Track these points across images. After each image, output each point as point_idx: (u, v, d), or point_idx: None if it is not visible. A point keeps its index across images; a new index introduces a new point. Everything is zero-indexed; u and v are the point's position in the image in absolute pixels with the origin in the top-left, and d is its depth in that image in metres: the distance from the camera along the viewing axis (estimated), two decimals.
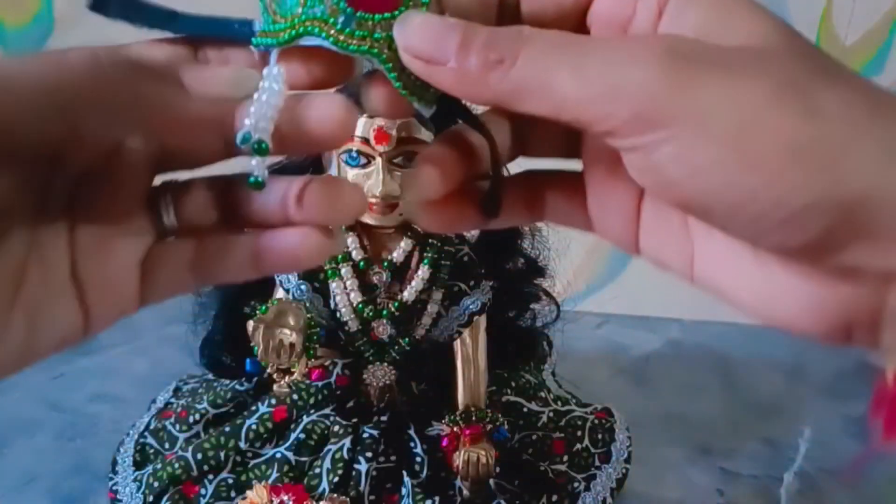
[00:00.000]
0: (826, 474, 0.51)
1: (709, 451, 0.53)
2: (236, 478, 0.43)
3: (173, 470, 0.42)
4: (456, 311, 0.43)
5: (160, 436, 0.46)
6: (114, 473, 0.45)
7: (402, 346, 0.43)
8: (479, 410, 0.43)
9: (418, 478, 0.42)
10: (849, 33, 0.72)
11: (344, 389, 0.45)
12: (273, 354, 0.38)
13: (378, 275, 0.41)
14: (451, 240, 0.42)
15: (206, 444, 0.43)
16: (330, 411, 0.44)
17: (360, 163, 0.39)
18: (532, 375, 0.52)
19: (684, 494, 0.49)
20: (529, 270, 0.46)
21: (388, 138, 0.38)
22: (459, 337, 0.43)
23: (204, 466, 0.42)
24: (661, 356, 0.68)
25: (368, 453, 0.43)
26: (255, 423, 0.43)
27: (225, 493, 0.42)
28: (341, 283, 0.41)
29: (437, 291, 0.42)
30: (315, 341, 0.40)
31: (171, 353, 0.63)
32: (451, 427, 0.43)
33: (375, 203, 0.39)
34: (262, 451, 0.43)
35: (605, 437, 0.47)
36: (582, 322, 0.73)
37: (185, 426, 0.45)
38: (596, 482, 0.45)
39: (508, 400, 0.49)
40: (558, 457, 0.47)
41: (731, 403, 0.60)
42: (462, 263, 0.42)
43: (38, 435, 0.51)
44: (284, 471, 0.42)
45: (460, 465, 0.41)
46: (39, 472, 0.47)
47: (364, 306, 0.42)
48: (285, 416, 0.43)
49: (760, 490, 0.49)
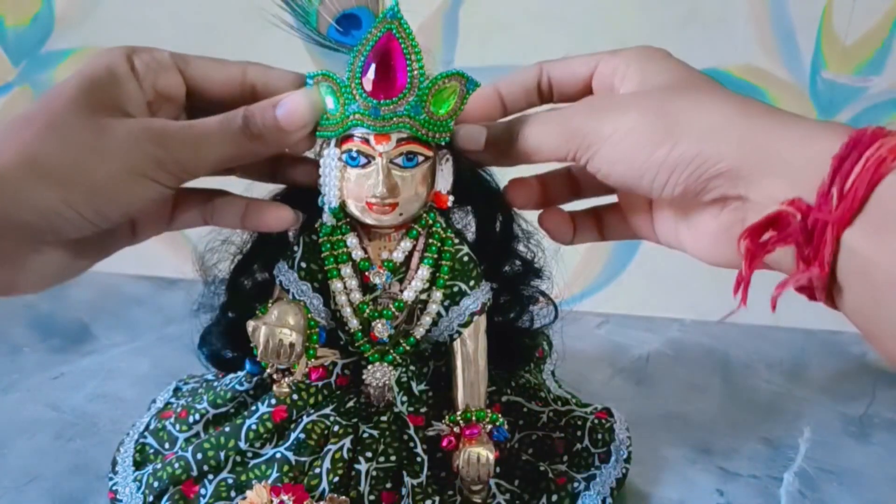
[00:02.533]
0: (826, 474, 0.51)
1: (709, 451, 0.53)
2: (236, 478, 0.43)
3: (173, 470, 0.42)
4: (456, 311, 0.43)
5: (160, 436, 0.46)
6: (114, 473, 0.45)
7: (402, 346, 0.43)
8: (479, 410, 0.43)
9: (418, 478, 0.42)
10: (849, 33, 0.72)
11: (344, 389, 0.45)
12: (273, 354, 0.38)
13: (378, 275, 0.41)
14: (451, 240, 0.42)
15: (206, 444, 0.43)
16: (330, 411, 0.44)
17: (360, 163, 0.39)
18: (532, 375, 0.52)
19: (684, 494, 0.49)
20: (526, 272, 0.46)
21: (388, 138, 0.38)
22: (459, 337, 0.43)
23: (204, 466, 0.42)
24: (661, 356, 0.68)
25: (368, 453, 0.43)
26: (255, 423, 0.43)
27: (225, 493, 0.42)
28: (341, 282, 0.41)
29: (437, 291, 0.42)
30: (315, 341, 0.41)
31: (171, 353, 0.63)
32: (451, 427, 0.43)
33: (375, 203, 0.39)
34: (262, 451, 0.43)
35: (605, 436, 0.47)
36: (582, 322, 0.73)
37: (185, 426, 0.46)
38: (596, 482, 0.45)
39: (509, 400, 0.49)
40: (558, 457, 0.47)
41: (731, 403, 0.61)
42: (462, 263, 0.42)
43: (38, 435, 0.51)
44: (284, 471, 0.42)
45: (460, 465, 0.41)
46: (39, 472, 0.47)
47: (364, 306, 0.42)
48: (285, 416, 0.43)
49: (760, 490, 0.49)
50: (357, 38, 0.38)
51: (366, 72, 0.37)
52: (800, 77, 0.76)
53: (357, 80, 0.37)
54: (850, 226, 0.29)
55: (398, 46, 0.37)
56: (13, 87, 0.87)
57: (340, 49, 0.39)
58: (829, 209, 0.29)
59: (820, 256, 0.29)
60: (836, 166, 0.29)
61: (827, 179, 0.29)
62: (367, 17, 0.38)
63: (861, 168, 0.28)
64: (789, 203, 0.30)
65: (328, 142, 0.40)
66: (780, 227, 0.31)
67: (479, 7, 0.75)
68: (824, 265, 0.29)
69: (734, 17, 0.74)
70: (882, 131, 0.29)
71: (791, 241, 0.30)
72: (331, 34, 0.38)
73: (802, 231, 0.30)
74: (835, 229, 0.29)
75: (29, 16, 0.83)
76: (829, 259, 0.29)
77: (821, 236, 0.29)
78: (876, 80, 0.75)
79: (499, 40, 0.75)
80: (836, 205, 0.29)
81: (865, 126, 0.30)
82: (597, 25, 0.74)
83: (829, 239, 0.29)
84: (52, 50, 0.85)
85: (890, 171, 0.28)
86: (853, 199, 0.28)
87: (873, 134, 0.29)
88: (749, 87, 0.77)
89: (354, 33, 0.38)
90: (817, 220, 0.29)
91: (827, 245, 0.29)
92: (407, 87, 0.37)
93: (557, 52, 0.44)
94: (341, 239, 0.41)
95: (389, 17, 0.36)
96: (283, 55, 0.43)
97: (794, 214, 0.30)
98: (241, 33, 0.77)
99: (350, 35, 0.38)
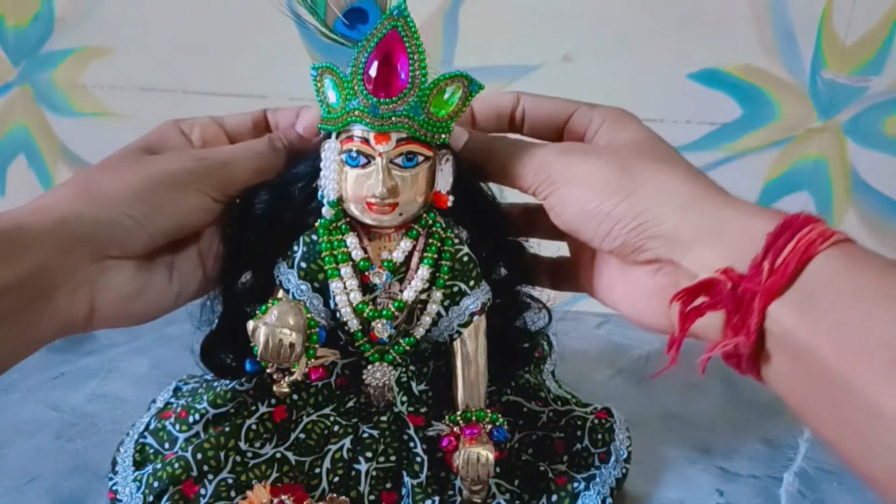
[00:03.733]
0: (826, 474, 0.51)
1: (709, 451, 0.53)
2: (236, 478, 0.42)
3: (173, 470, 0.42)
4: (456, 311, 0.43)
5: (160, 436, 0.46)
6: (113, 473, 0.45)
7: (402, 346, 0.43)
8: (479, 410, 0.43)
9: (418, 478, 0.42)
10: (849, 33, 0.72)
11: (344, 389, 0.45)
12: (273, 354, 0.38)
13: (378, 275, 0.41)
14: (451, 240, 0.42)
15: (206, 444, 0.43)
16: (330, 411, 0.44)
17: (359, 163, 0.39)
18: (531, 375, 0.52)
19: (684, 494, 0.49)
20: (518, 277, 0.46)
21: (388, 138, 0.38)
22: (459, 337, 0.43)
23: (204, 466, 0.42)
24: (660, 356, 0.68)
25: (368, 453, 0.43)
26: (254, 423, 0.43)
27: (225, 493, 0.42)
28: (341, 283, 0.41)
29: (437, 291, 0.42)
30: (315, 341, 0.40)
31: (171, 353, 0.63)
32: (451, 427, 0.43)
33: (375, 203, 0.39)
34: (262, 451, 0.43)
35: (605, 436, 0.47)
36: (582, 322, 0.73)
37: (185, 426, 0.45)
38: (596, 482, 0.45)
39: (508, 399, 0.49)
40: (558, 457, 0.47)
41: (731, 403, 0.60)
42: (462, 263, 0.42)
43: (38, 435, 0.51)
44: (284, 471, 0.42)
45: (460, 465, 0.41)
46: (39, 472, 0.47)
47: (364, 306, 0.42)
48: (285, 416, 0.43)
49: (760, 490, 0.49)
50: (363, 32, 0.37)
51: (368, 68, 0.37)
52: (800, 77, 0.76)
53: (359, 76, 0.37)
54: (778, 298, 0.30)
55: (402, 45, 0.37)
56: (13, 87, 0.87)
57: (346, 43, 0.38)
58: (759, 280, 0.30)
59: (747, 325, 0.31)
60: (770, 242, 0.31)
61: (760, 252, 0.31)
62: (374, 12, 0.38)
63: (793, 246, 0.30)
64: (722, 271, 0.32)
65: (329, 134, 0.40)
66: (712, 294, 0.32)
67: (479, 7, 0.75)
68: (751, 333, 0.30)
69: (734, 17, 0.74)
70: (812, 219, 0.31)
71: (721, 307, 0.32)
72: (337, 27, 0.38)
73: (732, 299, 0.31)
74: (763, 300, 0.30)
75: (29, 16, 0.83)
76: (755, 328, 0.30)
77: (749, 305, 0.30)
78: (876, 80, 0.75)
79: (499, 40, 0.75)
80: (766, 277, 0.30)
81: (798, 212, 0.31)
82: (597, 25, 0.74)
83: (757, 308, 0.30)
84: (52, 50, 0.85)
85: (819, 252, 0.30)
86: (783, 273, 0.30)
87: (805, 219, 0.31)
88: (749, 87, 0.77)
89: (360, 28, 0.38)
90: (747, 290, 0.31)
91: (754, 314, 0.30)
92: (408, 87, 0.37)
93: (557, 52, 0.44)
94: (341, 239, 0.41)
95: (396, 14, 0.36)
96: (282, 55, 0.43)
97: (726, 282, 0.31)
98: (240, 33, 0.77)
99: (356, 29, 0.38)
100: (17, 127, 0.88)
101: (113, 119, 0.86)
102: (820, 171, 0.82)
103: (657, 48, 0.77)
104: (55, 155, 0.90)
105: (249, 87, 0.80)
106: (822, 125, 0.79)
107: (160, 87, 0.84)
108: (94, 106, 0.86)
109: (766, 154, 0.82)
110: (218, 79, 0.82)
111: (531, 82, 0.76)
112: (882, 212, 0.84)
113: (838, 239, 0.30)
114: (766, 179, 0.83)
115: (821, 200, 0.84)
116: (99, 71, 0.85)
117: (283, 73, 0.73)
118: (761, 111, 0.80)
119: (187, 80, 0.83)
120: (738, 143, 0.81)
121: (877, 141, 0.80)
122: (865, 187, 0.83)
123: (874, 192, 0.84)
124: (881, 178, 0.83)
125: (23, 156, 0.90)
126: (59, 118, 0.88)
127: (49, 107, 0.87)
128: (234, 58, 0.81)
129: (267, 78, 0.80)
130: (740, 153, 0.82)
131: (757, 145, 0.81)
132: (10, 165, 0.91)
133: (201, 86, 0.83)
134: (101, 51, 0.84)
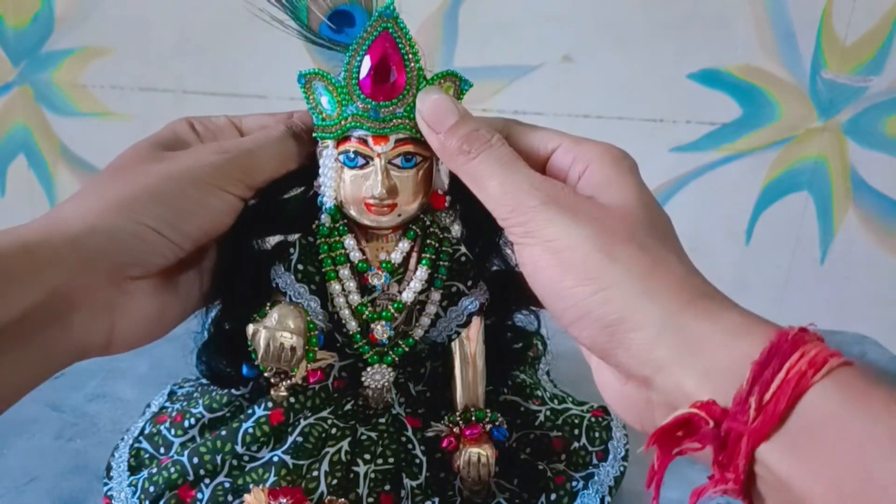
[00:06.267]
0: None
1: None
2: (233, 482, 0.42)
3: (169, 474, 0.42)
4: (454, 312, 0.43)
5: (155, 440, 0.46)
6: (108, 478, 0.45)
7: (401, 348, 0.43)
8: (479, 410, 0.43)
9: (417, 479, 0.42)
10: (849, 33, 0.72)
11: (341, 392, 0.45)
12: (274, 358, 0.38)
13: (377, 276, 0.41)
14: (449, 240, 0.42)
15: (202, 449, 0.43)
16: (327, 414, 0.44)
17: (357, 164, 0.39)
18: (527, 375, 0.52)
19: (684, 494, 0.48)
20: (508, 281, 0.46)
21: (387, 139, 0.38)
22: (458, 337, 0.43)
23: (200, 471, 0.42)
24: None
25: (367, 455, 0.43)
26: (251, 427, 0.43)
27: (222, 497, 0.42)
28: (339, 284, 0.41)
29: (435, 292, 0.42)
30: (315, 344, 0.40)
31: (171, 353, 0.63)
32: (451, 427, 0.43)
33: (374, 204, 0.39)
34: (259, 455, 0.43)
35: (603, 435, 0.47)
36: None
37: (181, 430, 0.45)
38: (594, 480, 0.45)
39: (506, 399, 0.49)
40: (556, 455, 0.47)
41: None
42: (460, 263, 0.42)
43: (38, 435, 0.51)
44: (282, 474, 0.41)
45: (461, 465, 0.41)
46: (39, 472, 0.47)
47: (363, 308, 0.41)
48: (282, 419, 0.43)
49: None
50: (351, 36, 0.37)
51: (363, 72, 0.37)
52: (800, 77, 0.76)
53: (354, 81, 0.37)
54: (766, 440, 0.27)
55: (395, 46, 0.37)
56: (13, 87, 0.87)
57: (334, 47, 0.38)
58: (745, 419, 0.27)
59: (734, 466, 0.28)
60: (756, 373, 0.28)
61: (746, 386, 0.28)
62: (360, 15, 0.38)
63: (782, 380, 0.27)
64: (701, 406, 0.29)
65: (327, 142, 0.40)
66: (692, 430, 0.29)
67: (479, 7, 0.75)
68: (739, 474, 0.28)
69: (734, 17, 0.74)
70: (803, 339, 0.28)
71: (705, 445, 0.29)
72: (323, 32, 0.38)
73: (716, 437, 0.28)
74: (750, 442, 0.27)
75: (29, 16, 0.83)
76: (743, 469, 0.28)
77: (735, 446, 0.28)
78: (876, 80, 0.75)
79: (499, 40, 0.75)
80: (753, 416, 0.27)
81: (789, 328, 0.28)
82: (597, 25, 0.74)
83: (744, 451, 0.28)
84: (52, 50, 0.85)
85: (810, 387, 0.27)
86: (772, 413, 0.27)
87: (793, 340, 0.28)
88: (749, 86, 0.77)
89: (348, 31, 0.38)
90: (732, 429, 0.28)
91: (741, 456, 0.28)
92: (406, 87, 0.37)
93: (557, 52, 0.44)
94: (339, 240, 0.41)
95: (386, 15, 0.36)
96: (282, 55, 0.43)
97: (707, 420, 0.29)
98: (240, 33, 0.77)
99: (343, 33, 0.38)
100: (17, 127, 0.89)
101: (113, 119, 0.86)
102: (820, 171, 0.82)
103: (657, 48, 0.77)
104: (55, 155, 0.90)
105: (249, 87, 0.80)
106: (822, 125, 0.79)
107: (160, 87, 0.84)
108: (94, 106, 0.87)
109: (766, 154, 0.82)
110: (218, 79, 0.82)
111: (531, 82, 0.76)
112: (882, 212, 0.84)
113: (832, 367, 0.27)
114: (766, 179, 0.83)
115: (821, 200, 0.84)
116: (99, 71, 0.85)
117: (283, 73, 0.73)
118: (761, 111, 0.80)
119: (187, 80, 0.83)
120: (738, 143, 0.81)
121: (877, 141, 0.80)
122: (865, 187, 0.83)
123: (874, 192, 0.84)
124: (881, 178, 0.83)
125: (23, 156, 0.90)
126: (59, 118, 0.88)
127: (49, 107, 0.87)
128: (234, 58, 0.81)
129: (267, 78, 0.80)
130: (740, 153, 0.82)
131: (757, 145, 0.81)
132: (10, 165, 0.91)
133: (201, 86, 0.83)
134: (101, 51, 0.84)
